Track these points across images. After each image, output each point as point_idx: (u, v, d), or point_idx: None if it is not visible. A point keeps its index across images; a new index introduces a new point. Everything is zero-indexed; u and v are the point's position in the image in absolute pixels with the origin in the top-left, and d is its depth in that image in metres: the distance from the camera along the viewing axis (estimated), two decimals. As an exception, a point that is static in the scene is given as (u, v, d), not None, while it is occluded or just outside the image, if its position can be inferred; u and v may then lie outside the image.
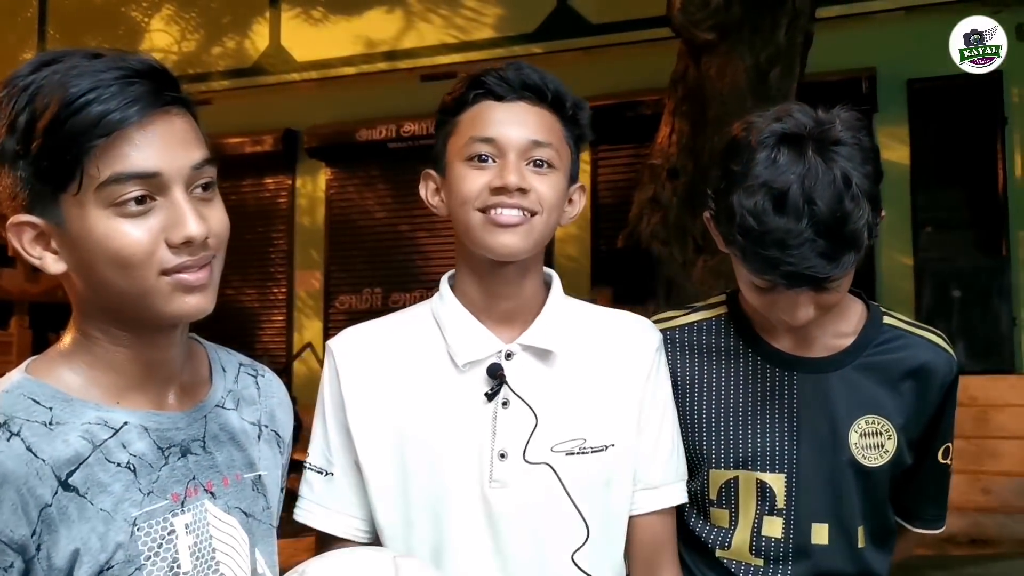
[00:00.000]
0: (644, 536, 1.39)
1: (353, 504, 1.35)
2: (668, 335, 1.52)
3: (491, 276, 1.32)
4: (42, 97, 1.00)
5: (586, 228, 7.46)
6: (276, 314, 8.47)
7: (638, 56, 6.78)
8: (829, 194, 1.28)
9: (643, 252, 4.41)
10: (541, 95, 1.31)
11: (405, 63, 7.55)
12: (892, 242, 6.71)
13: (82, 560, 0.99)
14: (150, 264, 1.01)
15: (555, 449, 1.30)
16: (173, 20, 8.45)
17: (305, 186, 8.43)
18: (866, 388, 1.44)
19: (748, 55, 4.12)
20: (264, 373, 1.28)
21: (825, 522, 1.43)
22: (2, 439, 0.97)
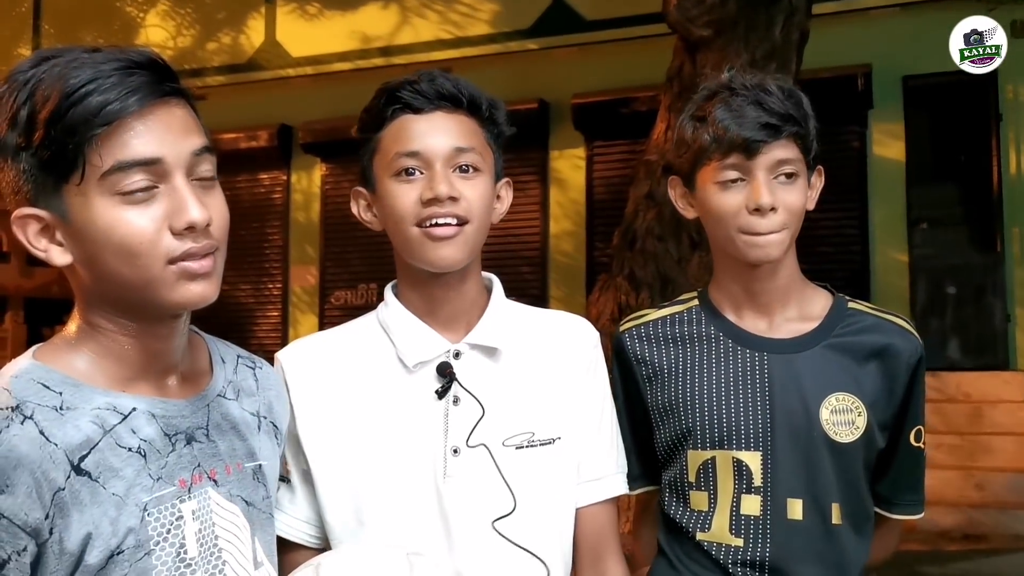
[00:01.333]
0: (588, 527, 1.44)
1: (303, 510, 1.38)
2: (641, 330, 1.62)
3: (432, 284, 1.37)
4: (43, 89, 1.01)
5: (581, 224, 7.46)
6: (271, 309, 8.47)
7: (633, 52, 6.78)
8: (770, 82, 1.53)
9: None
10: (457, 102, 1.35)
11: (400, 59, 7.55)
12: (886, 239, 6.73)
13: (94, 544, 1.00)
14: (155, 252, 1.03)
15: (506, 443, 1.35)
16: (168, 15, 8.43)
17: (300, 181, 8.43)
18: (834, 367, 1.50)
19: (744, 51, 4.12)
20: (262, 366, 1.31)
21: (800, 498, 1.48)
22: (15, 422, 0.98)
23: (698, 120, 1.52)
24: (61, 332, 1.12)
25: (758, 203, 1.45)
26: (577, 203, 7.46)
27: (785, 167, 1.47)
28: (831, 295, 1.58)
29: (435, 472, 1.33)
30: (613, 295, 4.47)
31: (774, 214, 1.46)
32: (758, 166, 1.47)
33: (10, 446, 0.97)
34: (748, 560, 1.48)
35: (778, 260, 1.51)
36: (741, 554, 1.48)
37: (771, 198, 1.46)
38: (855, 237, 6.82)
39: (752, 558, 1.48)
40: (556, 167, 7.55)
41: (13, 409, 1.00)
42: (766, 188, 1.46)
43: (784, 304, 1.55)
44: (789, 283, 1.55)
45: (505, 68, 7.24)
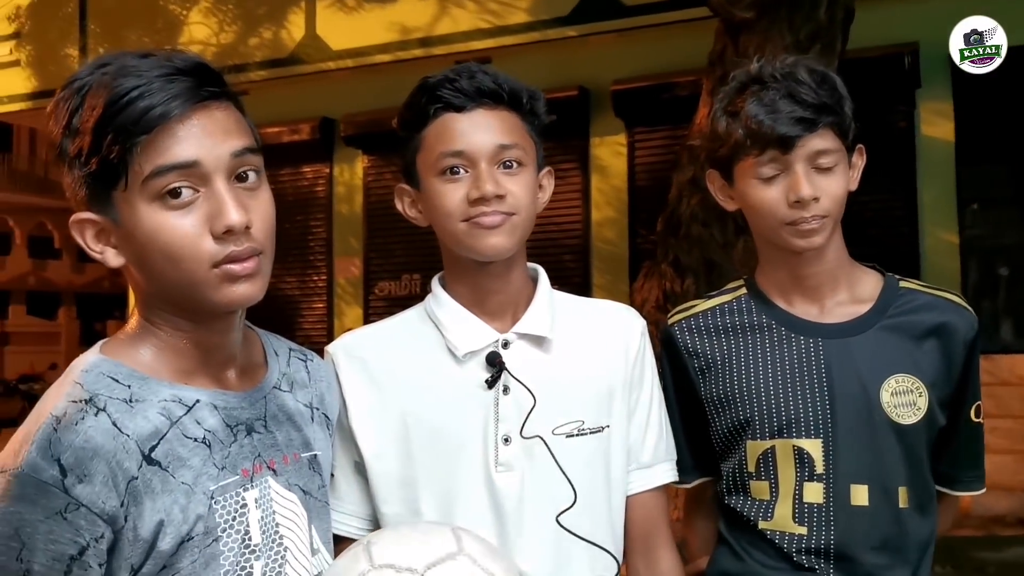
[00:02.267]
0: (638, 515, 1.45)
1: (354, 504, 1.40)
2: (691, 322, 1.61)
3: (479, 274, 1.38)
4: (91, 97, 1.05)
5: (623, 211, 7.42)
6: (316, 301, 8.55)
7: (673, 37, 6.71)
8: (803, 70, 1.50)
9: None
10: (498, 98, 1.36)
11: (440, 49, 7.56)
12: (936, 220, 6.60)
13: (165, 531, 1.04)
14: (198, 256, 1.06)
15: (556, 432, 1.36)
16: (211, 12, 8.52)
17: (343, 174, 8.49)
18: (892, 348, 1.49)
19: (788, 33, 4.05)
20: (313, 358, 1.35)
21: (864, 483, 1.46)
22: (90, 414, 1.03)
23: (731, 115, 1.52)
24: (124, 328, 1.17)
25: (799, 196, 1.44)
26: (619, 190, 7.42)
27: (823, 158, 1.46)
28: (881, 275, 1.56)
29: (487, 461, 1.34)
30: (658, 282, 4.44)
31: (816, 203, 1.45)
32: (796, 159, 1.46)
33: (87, 437, 1.01)
34: (812, 548, 1.47)
35: (823, 246, 1.49)
36: (805, 542, 1.47)
37: (811, 189, 1.45)
38: (904, 219, 6.70)
39: (816, 545, 1.47)
40: (597, 154, 7.51)
41: (87, 402, 1.04)
42: (806, 180, 1.45)
43: (834, 288, 1.53)
44: (837, 266, 1.53)
45: (544, 56, 7.21)
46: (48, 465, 0.99)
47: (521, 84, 1.38)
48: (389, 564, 1.07)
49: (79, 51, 8.96)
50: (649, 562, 1.45)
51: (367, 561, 1.09)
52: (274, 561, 1.14)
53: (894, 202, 6.67)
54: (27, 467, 0.99)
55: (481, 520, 1.32)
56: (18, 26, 9.31)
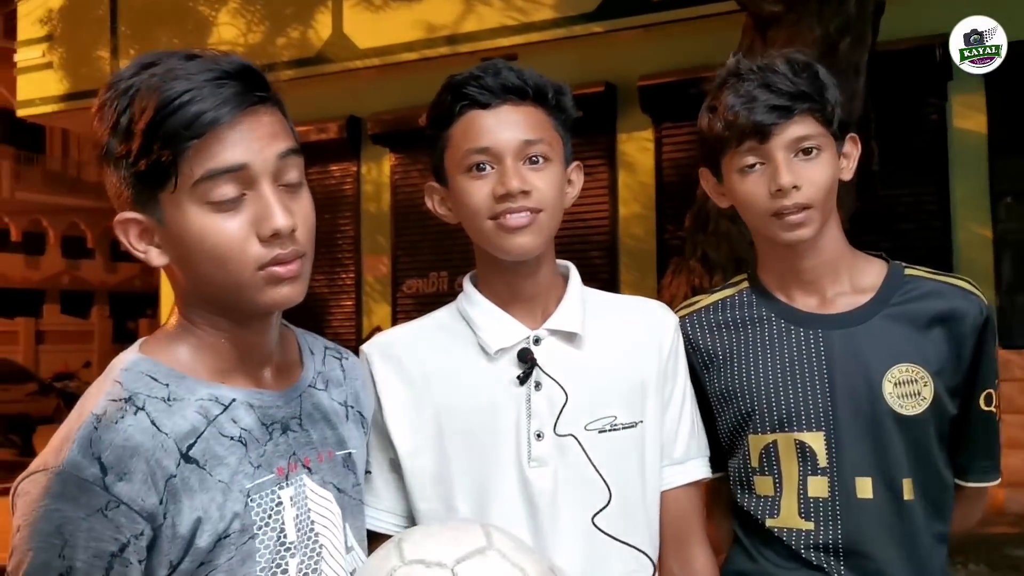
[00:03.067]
0: (672, 511, 1.44)
1: (388, 501, 1.41)
2: (695, 317, 1.61)
3: (509, 272, 1.39)
4: (140, 99, 1.06)
5: (650, 207, 7.40)
6: (345, 299, 8.59)
7: (700, 32, 6.67)
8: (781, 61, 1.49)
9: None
10: (523, 94, 1.36)
11: (466, 47, 7.57)
12: (969, 214, 6.52)
13: (203, 528, 1.06)
14: (244, 259, 1.07)
15: (588, 427, 1.36)
16: (239, 13, 8.58)
17: (370, 172, 8.52)
18: (895, 337, 1.46)
19: (817, 26, 4.00)
20: (348, 356, 1.37)
21: (868, 476, 1.45)
22: (129, 413, 1.05)
23: (711, 110, 1.52)
24: (164, 327, 1.19)
25: (778, 184, 1.44)
26: (646, 186, 7.40)
27: (804, 143, 1.45)
28: (886, 263, 1.54)
29: (520, 457, 1.35)
30: (686, 278, 4.42)
31: (797, 192, 1.44)
32: (775, 147, 1.45)
33: (126, 435, 1.03)
34: (820, 544, 1.46)
35: (816, 237, 1.48)
36: (813, 538, 1.46)
37: (791, 177, 1.44)
38: (936, 213, 6.62)
39: (824, 541, 1.45)
40: (624, 150, 7.49)
41: (126, 400, 1.06)
42: (785, 168, 1.44)
43: (834, 278, 1.52)
44: (836, 257, 1.52)
45: (571, 52, 7.20)
46: (89, 463, 1.00)
47: (546, 79, 1.38)
48: (419, 560, 1.08)
49: (110, 53, 9.05)
50: (683, 559, 1.45)
51: (398, 557, 1.10)
52: (309, 558, 1.15)
53: (926, 196, 6.60)
54: (68, 465, 1.00)
55: (515, 516, 1.32)
56: (50, 29, 9.43)
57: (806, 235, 1.47)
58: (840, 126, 1.50)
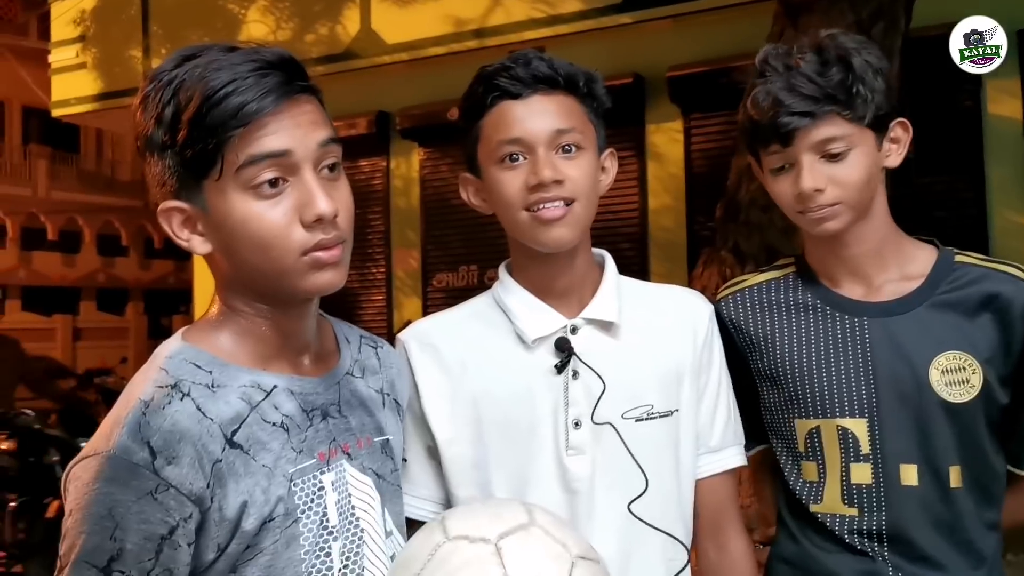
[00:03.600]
0: (708, 499, 1.45)
1: (426, 488, 1.42)
2: (740, 297, 1.61)
3: (544, 262, 1.39)
4: (185, 90, 1.08)
5: (680, 198, 7.35)
6: (376, 293, 8.63)
7: (730, 20, 6.61)
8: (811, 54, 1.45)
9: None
10: (554, 83, 1.35)
11: (493, 40, 7.55)
12: (1005, 200, 6.42)
13: (249, 512, 1.08)
14: (288, 244, 1.10)
15: (625, 416, 1.37)
16: (268, 11, 8.63)
17: (399, 167, 8.55)
18: (943, 325, 1.45)
19: (849, 12, 3.95)
20: (383, 345, 1.38)
21: (914, 463, 1.44)
22: (175, 399, 1.07)
23: (744, 107, 1.51)
24: (205, 315, 1.21)
25: (800, 190, 1.43)
26: (676, 177, 7.35)
27: (829, 146, 1.42)
28: (936, 249, 1.52)
29: (558, 445, 1.36)
30: (718, 269, 4.39)
31: (821, 195, 1.43)
32: (800, 151, 1.43)
33: (174, 420, 1.05)
34: (865, 530, 1.45)
35: (858, 227, 1.47)
36: (857, 523, 1.46)
37: (813, 182, 1.42)
38: (971, 200, 6.52)
39: (869, 527, 1.45)
40: (653, 141, 7.45)
41: (172, 387, 1.09)
42: (809, 172, 1.42)
43: (880, 266, 1.50)
44: (881, 245, 1.50)
45: (599, 44, 7.16)
46: (139, 447, 1.02)
47: (578, 68, 1.38)
48: (463, 535, 1.10)
49: (142, 53, 9.14)
50: (719, 546, 1.46)
51: (442, 533, 1.11)
52: (351, 542, 1.17)
53: (960, 183, 6.50)
54: (119, 450, 1.03)
55: (553, 503, 1.33)
56: (83, 29, 9.53)
57: (833, 228, 1.46)
58: (881, 115, 1.46)
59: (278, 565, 1.09)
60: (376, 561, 1.20)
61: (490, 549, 1.08)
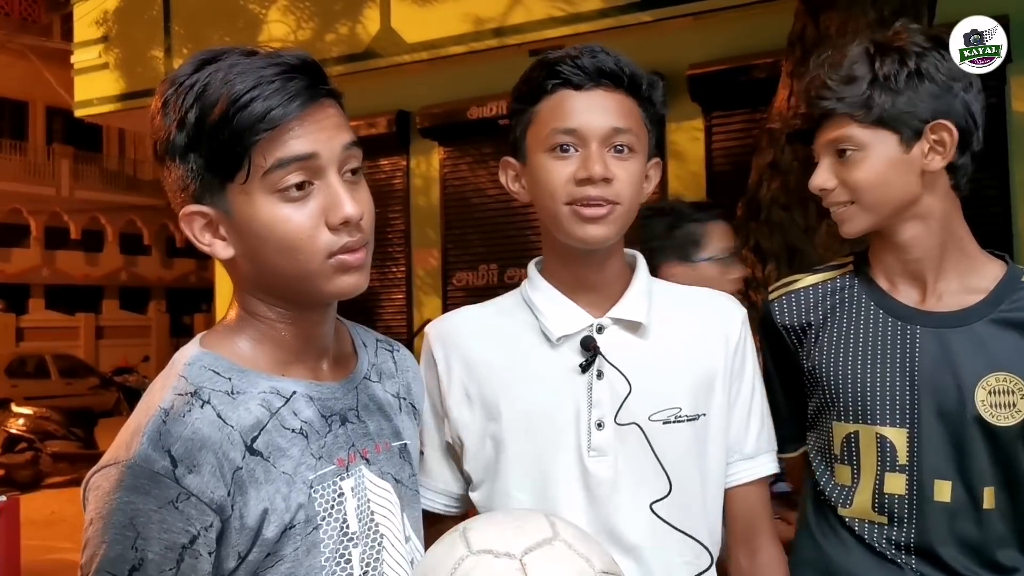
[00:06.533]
0: (741, 507, 1.43)
1: (443, 482, 1.41)
2: (791, 298, 1.58)
3: (578, 260, 1.36)
4: (209, 94, 1.08)
5: (701, 197, 7.31)
6: (396, 292, 8.65)
7: (750, 18, 6.58)
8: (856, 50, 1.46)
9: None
10: (618, 80, 1.33)
11: (513, 39, 7.54)
12: (1031, 200, 6.35)
13: (270, 519, 1.07)
14: (314, 247, 1.09)
15: (653, 418, 1.33)
16: (288, 10, 8.66)
17: (419, 166, 8.56)
18: (997, 344, 1.40)
19: (871, 9, 3.91)
20: (399, 349, 1.38)
21: (949, 479, 1.41)
22: (196, 406, 1.07)
23: None
24: (222, 321, 1.20)
25: (810, 185, 1.46)
26: (696, 175, 7.32)
27: (841, 146, 1.43)
28: (1005, 266, 1.47)
29: (579, 446, 1.33)
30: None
31: (829, 193, 1.44)
32: (819, 148, 1.46)
33: (194, 428, 1.05)
34: (893, 539, 1.43)
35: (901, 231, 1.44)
36: (887, 532, 1.43)
37: (820, 180, 1.45)
38: (995, 199, 6.46)
39: (898, 538, 1.42)
40: (673, 140, 7.42)
41: (192, 395, 1.08)
42: (819, 171, 1.46)
43: (939, 274, 1.46)
44: (940, 252, 1.46)
45: (619, 42, 7.11)
46: (160, 456, 1.02)
47: (641, 70, 1.36)
48: (487, 550, 1.08)
49: (164, 53, 9.20)
50: (751, 553, 1.43)
51: (464, 547, 1.10)
52: (371, 548, 1.16)
53: (984, 181, 6.43)
54: (140, 458, 1.02)
55: (574, 504, 1.32)
56: (106, 30, 9.61)
57: (849, 230, 1.46)
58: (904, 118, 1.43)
59: (299, 573, 1.09)
60: (396, 567, 1.19)
61: (515, 565, 1.06)
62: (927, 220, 1.46)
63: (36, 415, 11.02)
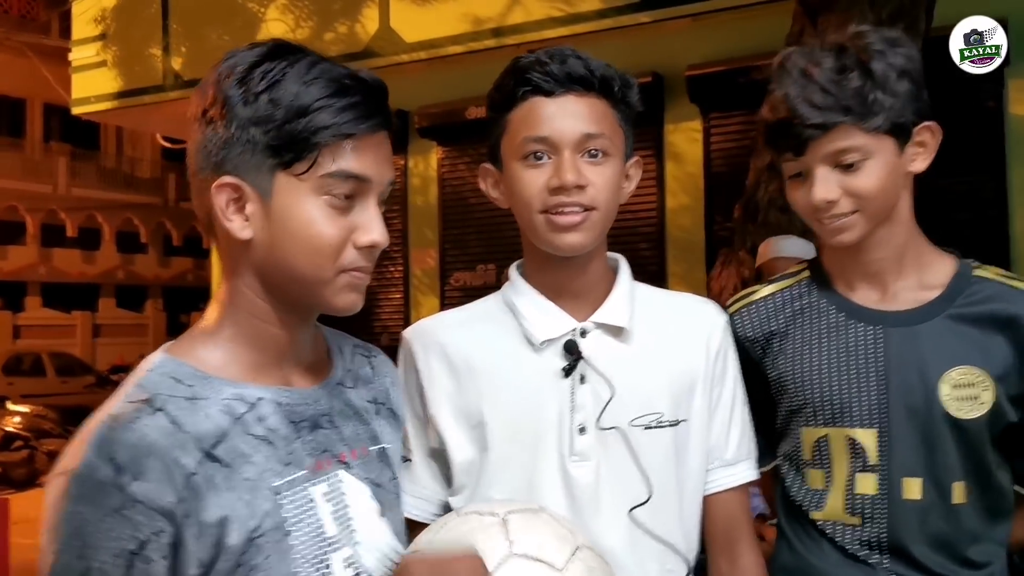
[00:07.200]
0: (721, 513, 1.41)
1: (428, 489, 1.40)
2: (750, 310, 1.57)
3: (558, 265, 1.36)
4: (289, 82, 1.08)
5: (699, 198, 7.32)
6: (394, 292, 8.64)
7: (749, 19, 6.58)
8: (829, 58, 1.40)
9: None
10: (588, 84, 1.31)
11: (512, 39, 7.54)
12: (1027, 203, 6.36)
13: (231, 527, 1.06)
14: (336, 257, 1.12)
15: (634, 423, 1.33)
16: (287, 9, 8.65)
17: (417, 166, 8.56)
18: (957, 339, 1.41)
19: (869, 12, 3.92)
20: (377, 355, 1.37)
21: (919, 477, 1.41)
22: (146, 414, 1.06)
23: (763, 111, 1.48)
24: (198, 324, 1.18)
25: (810, 201, 1.40)
26: (694, 177, 7.32)
27: (845, 156, 1.38)
28: (956, 260, 1.49)
29: (561, 451, 1.33)
30: (736, 270, 4.37)
31: (833, 205, 1.40)
32: (813, 161, 1.40)
33: (141, 435, 1.03)
34: (866, 539, 1.44)
35: (878, 232, 1.44)
36: (859, 533, 1.44)
37: (825, 192, 1.39)
38: (992, 202, 6.46)
39: (870, 538, 1.43)
40: (672, 141, 7.42)
41: (145, 401, 1.06)
42: (821, 184, 1.40)
43: (898, 273, 1.47)
44: (901, 251, 1.46)
45: (618, 43, 7.14)
46: (103, 464, 1.01)
47: (614, 70, 1.34)
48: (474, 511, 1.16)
49: (162, 51, 9.19)
50: (732, 560, 1.43)
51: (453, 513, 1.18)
52: (352, 552, 1.15)
53: (982, 185, 6.45)
54: (84, 467, 1.01)
55: (556, 507, 1.31)
56: (104, 28, 9.59)
57: (848, 239, 1.44)
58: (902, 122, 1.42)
59: None
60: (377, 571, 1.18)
61: (497, 520, 1.11)
62: (898, 220, 1.46)
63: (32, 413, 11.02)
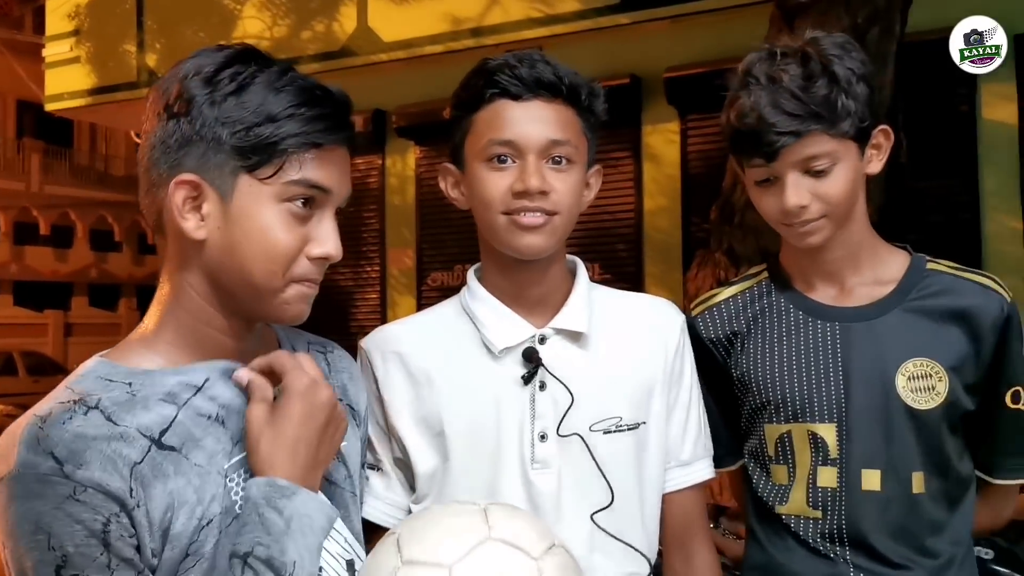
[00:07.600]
0: (676, 512, 1.42)
1: (392, 495, 1.39)
2: (712, 313, 1.59)
3: (517, 269, 1.35)
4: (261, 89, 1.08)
5: (676, 200, 7.35)
6: (370, 292, 8.62)
7: (727, 22, 6.62)
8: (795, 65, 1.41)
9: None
10: (556, 90, 1.31)
11: (491, 39, 7.55)
12: (998, 205, 6.43)
13: (178, 513, 1.04)
14: (288, 266, 1.11)
15: (593, 428, 1.33)
16: (264, 7, 8.61)
17: (395, 165, 8.54)
18: (911, 331, 1.44)
19: (845, 15, 3.95)
20: (333, 349, 1.35)
21: (877, 468, 1.44)
22: (78, 413, 1.03)
23: (728, 115, 1.47)
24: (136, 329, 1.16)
25: (785, 207, 1.41)
26: (672, 178, 7.35)
27: (815, 163, 1.40)
28: (909, 255, 1.52)
29: (523, 459, 1.32)
30: (712, 271, 4.39)
31: (806, 210, 1.41)
32: (783, 167, 1.41)
33: (76, 432, 1.01)
34: (827, 532, 1.46)
35: (838, 232, 1.46)
36: (820, 527, 1.46)
37: (798, 198, 1.41)
38: (966, 204, 6.53)
39: (831, 530, 1.46)
40: (649, 143, 7.45)
41: (75, 402, 1.04)
42: (793, 190, 1.41)
43: (855, 269, 1.50)
44: (857, 249, 1.50)
45: (596, 44, 7.16)
46: (43, 459, 0.98)
47: (582, 79, 1.34)
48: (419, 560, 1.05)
49: (137, 47, 9.11)
50: (686, 558, 1.44)
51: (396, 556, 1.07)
52: None
53: (955, 188, 6.51)
54: (21, 466, 0.98)
55: None
56: (78, 24, 9.50)
57: (817, 242, 1.46)
58: (864, 126, 1.44)
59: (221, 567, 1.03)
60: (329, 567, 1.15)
61: (478, 509, 1.07)
62: (855, 220, 1.49)
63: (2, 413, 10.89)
